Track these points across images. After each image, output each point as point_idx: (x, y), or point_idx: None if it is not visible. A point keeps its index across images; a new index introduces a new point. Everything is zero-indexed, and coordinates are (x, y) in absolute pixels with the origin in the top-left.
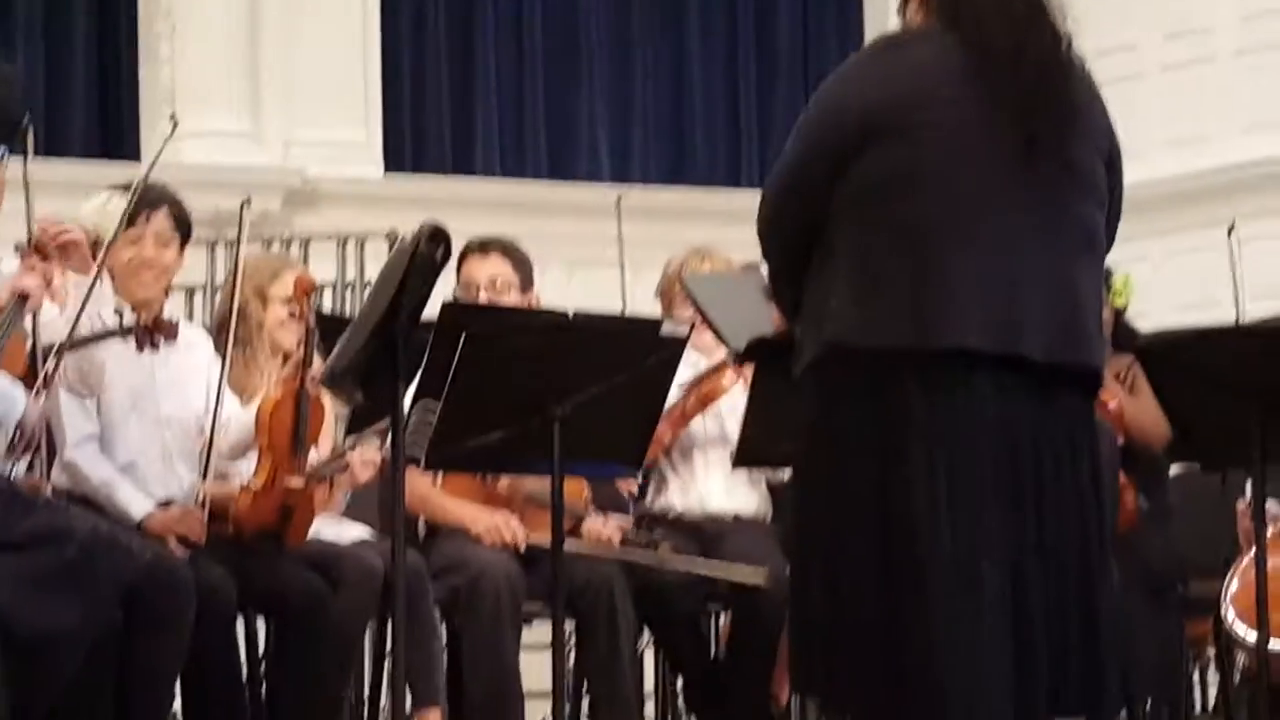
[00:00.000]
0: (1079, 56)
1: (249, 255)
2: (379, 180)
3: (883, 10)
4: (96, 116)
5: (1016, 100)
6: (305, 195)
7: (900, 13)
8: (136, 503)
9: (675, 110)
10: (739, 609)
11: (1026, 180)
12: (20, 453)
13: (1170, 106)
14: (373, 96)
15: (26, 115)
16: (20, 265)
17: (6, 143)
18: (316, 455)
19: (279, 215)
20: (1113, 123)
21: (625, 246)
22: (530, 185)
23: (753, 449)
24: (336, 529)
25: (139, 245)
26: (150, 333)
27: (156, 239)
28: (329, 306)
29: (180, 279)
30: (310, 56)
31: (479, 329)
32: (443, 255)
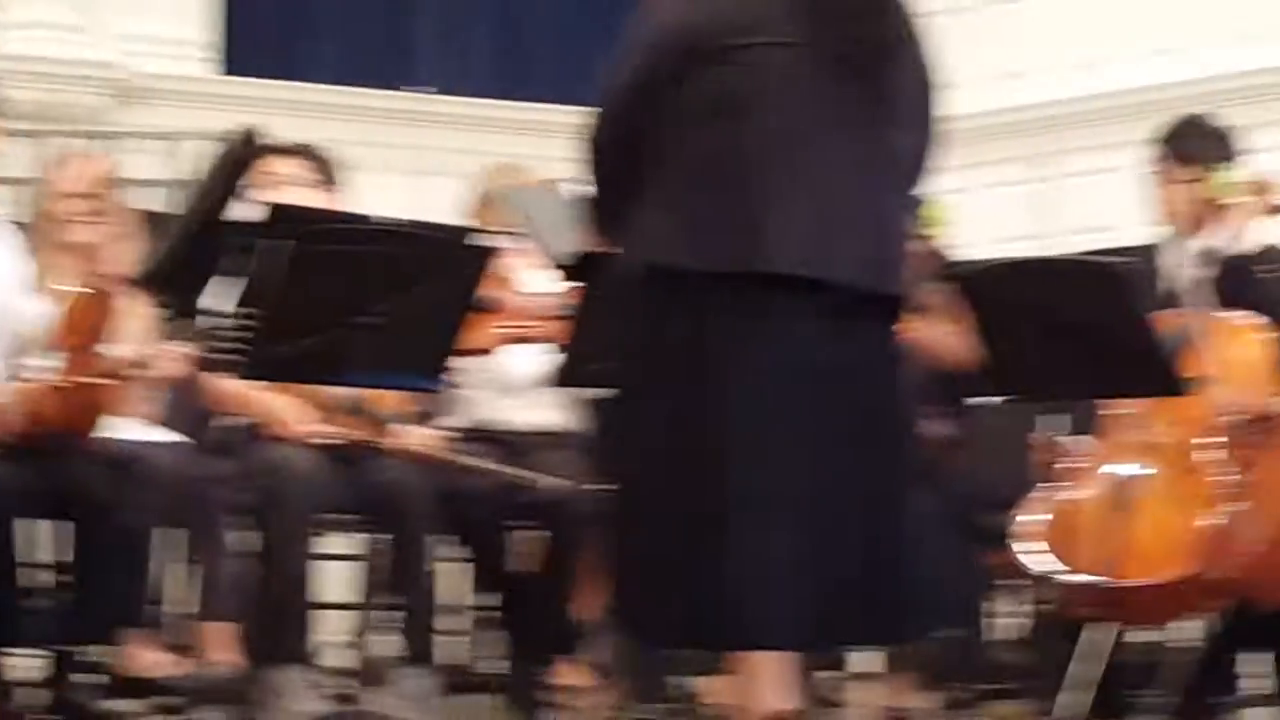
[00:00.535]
0: None
1: (62, 149)
2: (213, 80)
3: None
4: None
5: (840, 30)
6: (136, 92)
7: None
8: None
9: (517, 25)
10: (548, 523)
11: (847, 110)
12: None
13: (997, 39)
14: None
15: None
16: None
17: None
18: (120, 353)
19: (107, 111)
20: (935, 54)
21: (458, 158)
22: (363, 93)
23: (572, 367)
24: (144, 433)
25: None
26: None
27: None
28: (160, 206)
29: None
30: None
31: (309, 233)
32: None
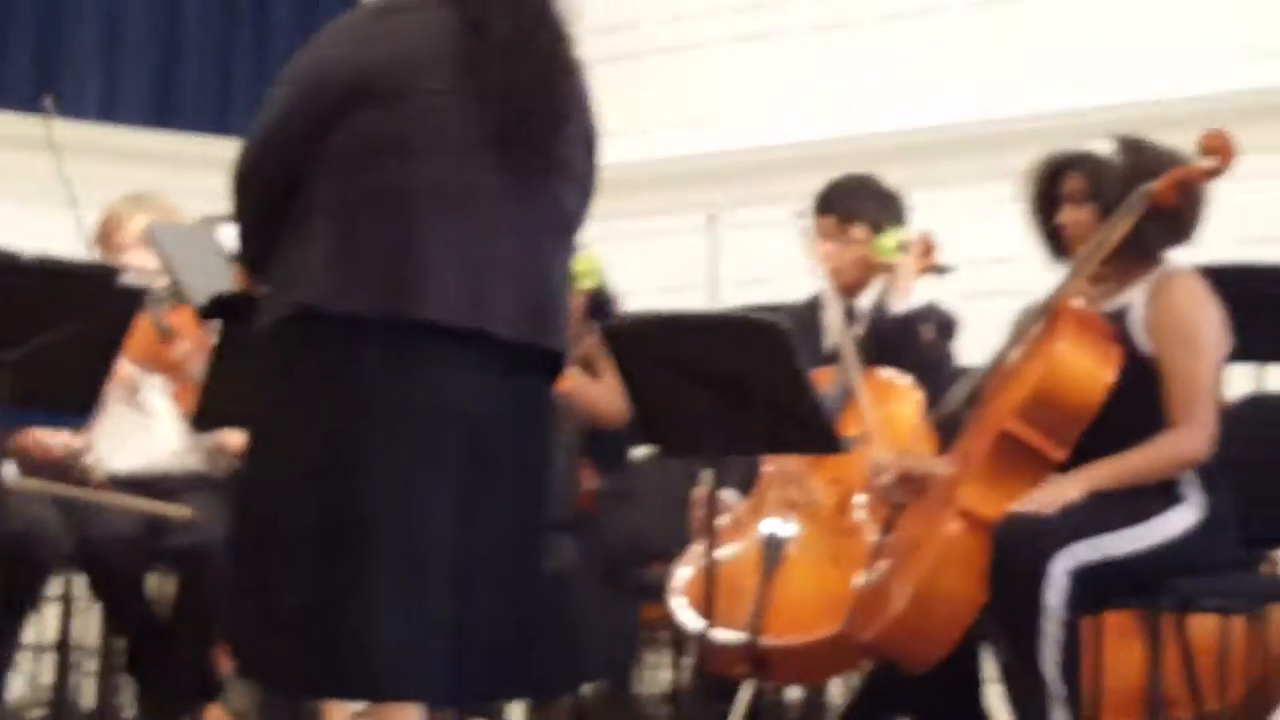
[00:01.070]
0: (577, 56)
1: None
2: None
3: None
4: None
5: (509, 93)
6: None
7: None
8: None
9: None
10: (184, 570)
11: (509, 162)
12: None
13: (666, 88)
14: None
15: None
16: None
17: None
18: None
19: None
20: (594, 114)
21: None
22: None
23: (212, 409)
24: None
25: None
26: None
27: None
28: None
29: None
30: None
31: None
32: None
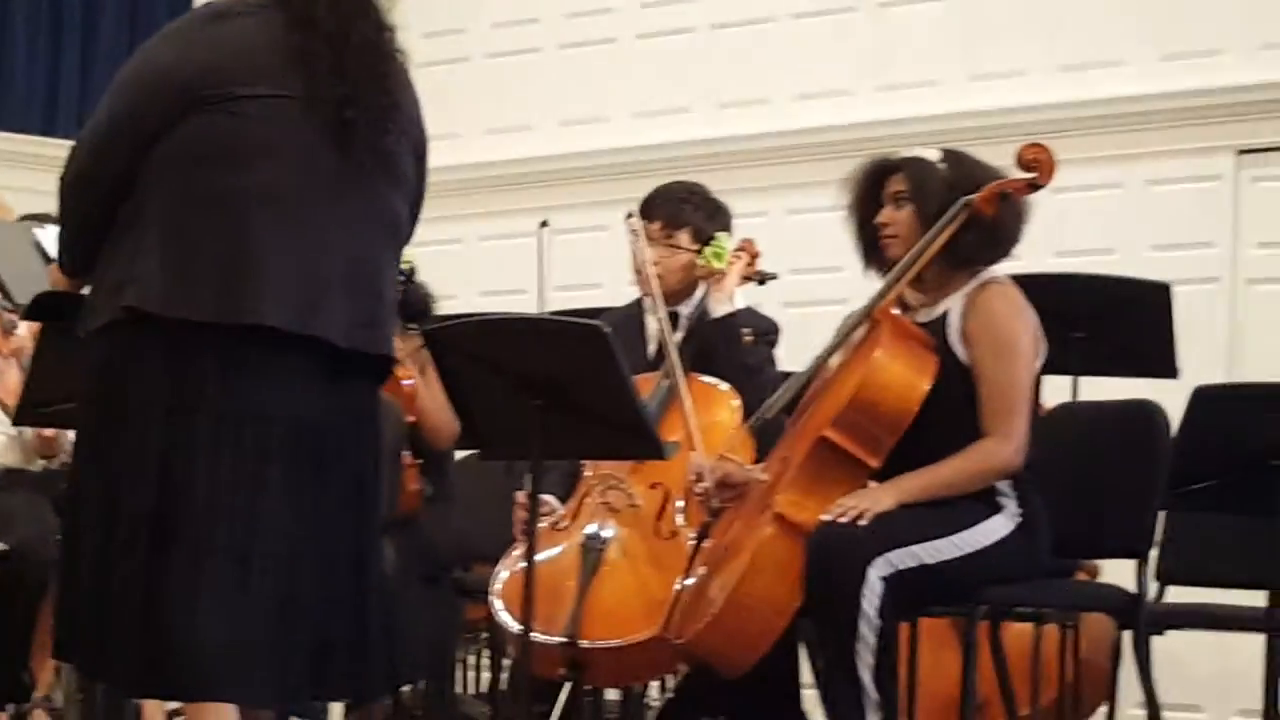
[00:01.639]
0: (400, 47)
1: None
2: None
3: None
4: None
5: (336, 88)
6: None
7: None
8: None
9: None
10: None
11: (340, 167)
12: None
13: (493, 94)
14: None
15: None
16: None
17: None
18: None
19: None
20: (422, 113)
21: None
22: None
23: (33, 406)
24: None
25: None
26: None
27: None
28: None
29: None
30: None
31: None
32: None
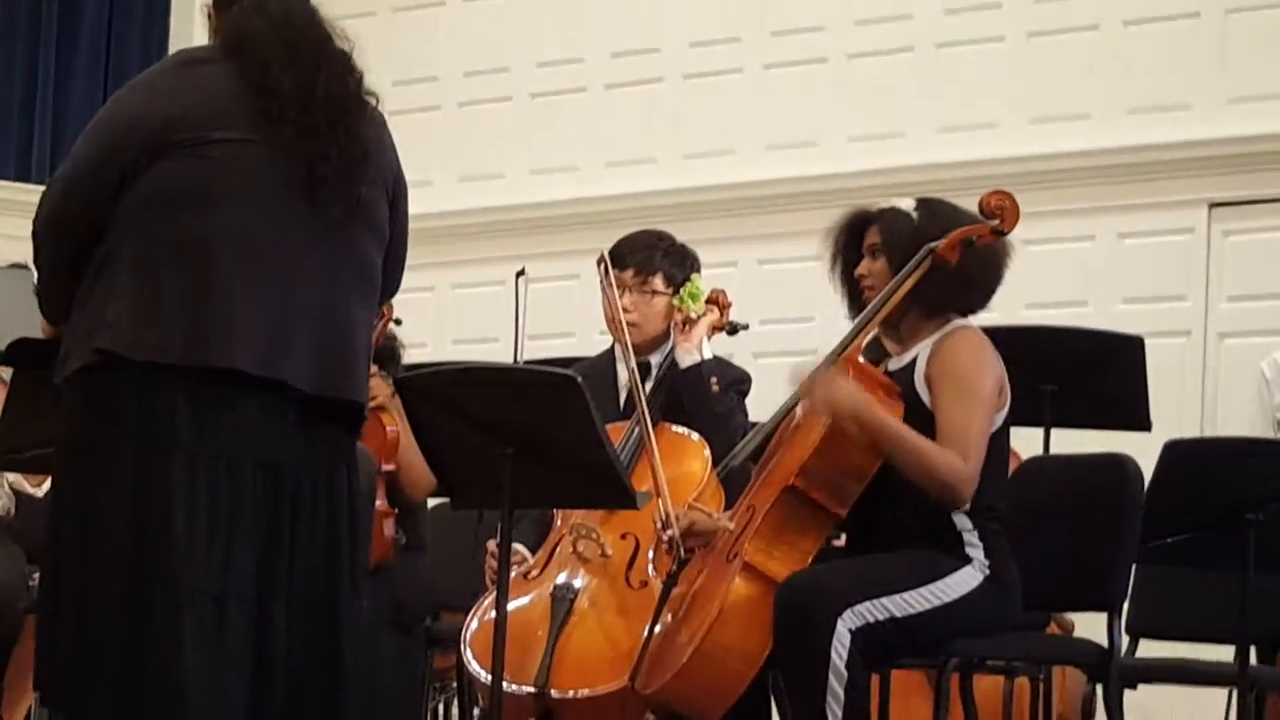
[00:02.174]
0: (370, 93)
1: None
2: None
3: (188, 25)
4: None
5: (303, 144)
6: None
7: (208, 31)
8: None
9: None
10: None
11: (311, 213)
12: None
13: (465, 142)
14: None
15: None
16: None
17: None
18: None
19: None
20: (398, 161)
21: None
22: None
23: (6, 451)
24: None
25: None
26: None
27: None
28: None
29: None
30: None
31: None
32: None
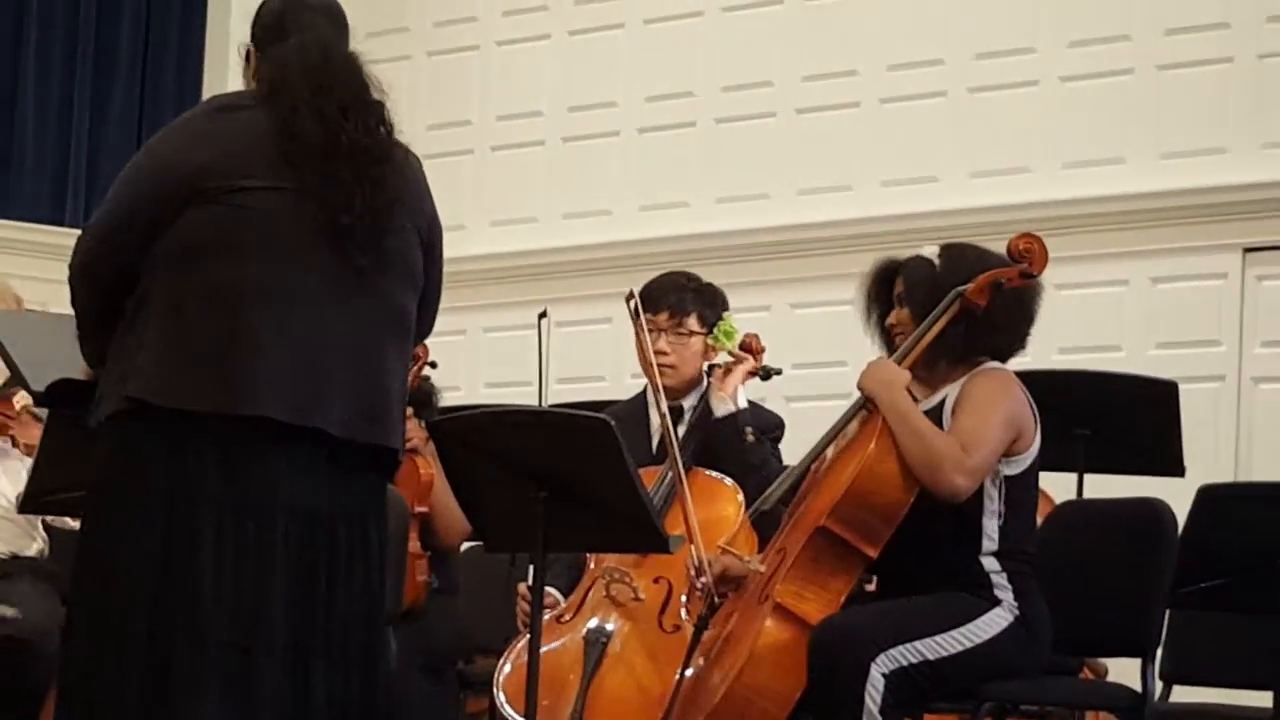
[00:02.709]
0: (401, 144)
1: None
2: None
3: (221, 71)
4: None
5: (328, 193)
6: None
7: (244, 75)
8: None
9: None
10: (5, 655)
11: (340, 261)
12: None
13: (498, 186)
14: None
15: None
16: None
17: None
18: None
19: None
20: (434, 205)
21: None
22: None
23: (40, 494)
24: None
25: None
26: None
27: None
28: None
29: None
30: None
31: None
32: None
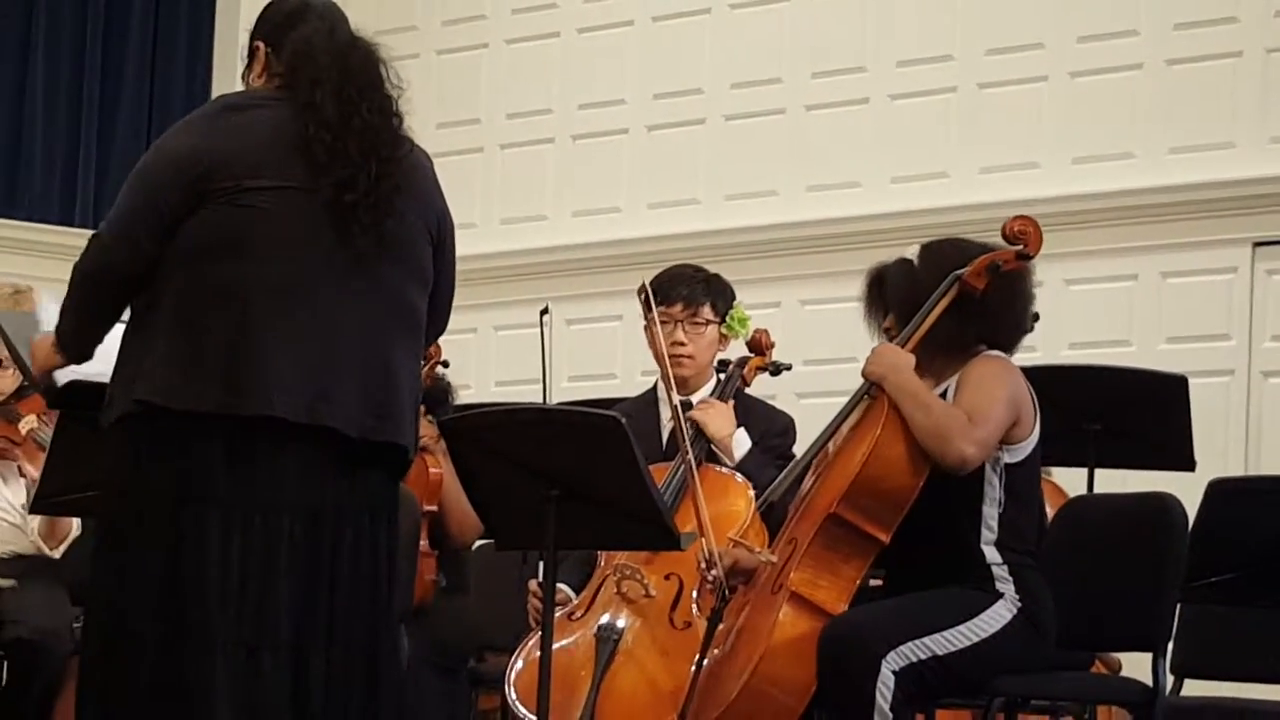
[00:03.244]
0: (411, 139)
1: None
2: None
3: (230, 71)
4: None
5: (335, 172)
6: None
7: (245, 77)
8: None
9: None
10: (14, 659)
11: (348, 258)
12: None
13: (507, 185)
14: None
15: None
16: None
17: None
18: None
19: None
20: (444, 202)
21: None
22: None
23: (50, 495)
24: None
25: None
26: None
27: None
28: None
29: None
30: None
31: None
32: None
